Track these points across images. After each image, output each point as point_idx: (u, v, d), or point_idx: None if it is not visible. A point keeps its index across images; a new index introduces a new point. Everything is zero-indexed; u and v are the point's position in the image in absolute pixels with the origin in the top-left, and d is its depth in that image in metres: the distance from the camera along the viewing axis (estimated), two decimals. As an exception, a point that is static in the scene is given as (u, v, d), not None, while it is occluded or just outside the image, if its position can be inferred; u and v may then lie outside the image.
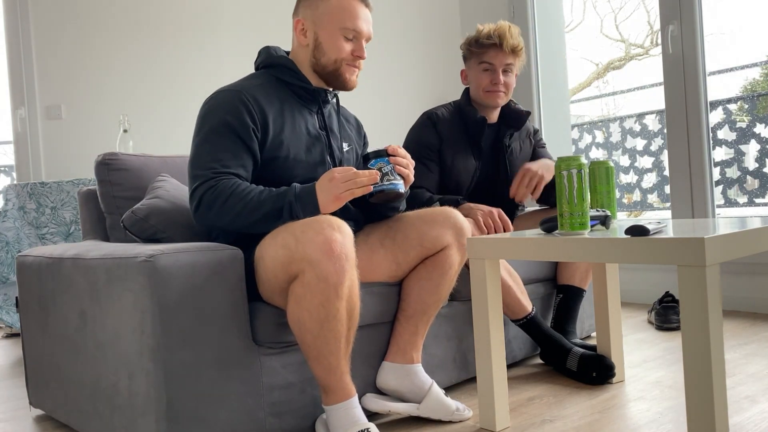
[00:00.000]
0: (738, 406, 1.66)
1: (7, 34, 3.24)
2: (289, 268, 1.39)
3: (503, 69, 2.18)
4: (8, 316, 2.85)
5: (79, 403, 1.63)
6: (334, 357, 1.42)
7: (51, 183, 2.80)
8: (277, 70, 1.69)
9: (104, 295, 1.47)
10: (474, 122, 2.21)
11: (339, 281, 1.36)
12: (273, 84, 1.67)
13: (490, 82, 2.17)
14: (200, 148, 1.55)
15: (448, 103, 2.31)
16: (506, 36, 2.13)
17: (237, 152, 1.54)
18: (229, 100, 1.57)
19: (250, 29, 3.63)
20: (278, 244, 1.41)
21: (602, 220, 1.53)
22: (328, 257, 1.34)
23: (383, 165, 1.55)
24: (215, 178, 1.50)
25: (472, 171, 2.23)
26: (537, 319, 2.03)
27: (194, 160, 1.55)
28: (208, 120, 1.57)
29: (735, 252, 1.24)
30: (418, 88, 4.08)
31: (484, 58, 2.17)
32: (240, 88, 1.60)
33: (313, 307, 1.37)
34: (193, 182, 1.53)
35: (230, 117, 1.55)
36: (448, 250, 1.68)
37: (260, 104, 1.59)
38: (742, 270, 2.91)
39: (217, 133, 1.55)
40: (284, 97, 1.66)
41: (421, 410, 1.64)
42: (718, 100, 3.45)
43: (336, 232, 1.36)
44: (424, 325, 1.71)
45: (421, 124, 2.24)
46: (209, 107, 1.59)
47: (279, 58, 1.70)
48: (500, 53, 2.15)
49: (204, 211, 1.50)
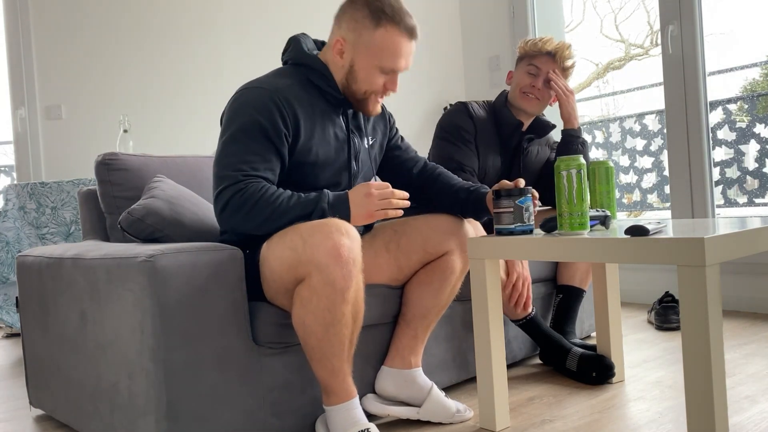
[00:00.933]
0: (738, 406, 1.66)
1: (7, 34, 3.24)
2: (296, 271, 1.38)
3: (547, 78, 2.17)
4: (8, 316, 2.85)
5: (79, 403, 1.63)
6: (338, 359, 1.41)
7: (51, 183, 2.80)
8: (308, 71, 1.60)
9: (104, 295, 1.47)
10: (508, 124, 2.21)
11: (346, 286, 1.35)
12: (303, 84, 1.58)
13: (529, 83, 2.18)
14: (228, 147, 1.48)
15: (481, 102, 2.31)
16: (563, 50, 2.16)
17: (266, 155, 1.48)
18: (262, 100, 1.49)
19: (250, 29, 3.62)
20: (285, 245, 1.39)
21: (602, 220, 1.53)
22: (336, 262, 1.33)
23: (529, 205, 1.51)
24: (243, 181, 1.45)
25: (497, 169, 2.24)
26: (537, 320, 2.03)
27: (221, 160, 1.48)
28: (238, 118, 1.49)
29: (735, 252, 1.25)
30: (418, 87, 4.08)
31: (534, 61, 2.18)
32: (272, 88, 1.52)
33: (318, 311, 1.36)
34: (220, 183, 1.47)
35: (262, 118, 1.48)
36: (450, 255, 1.67)
37: (293, 108, 1.52)
38: (742, 270, 2.91)
39: (247, 133, 1.48)
40: (314, 100, 1.58)
41: (421, 414, 1.64)
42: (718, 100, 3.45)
43: (344, 237, 1.35)
44: (424, 330, 1.70)
45: (458, 110, 2.22)
46: (240, 104, 1.51)
47: (312, 59, 1.60)
48: (550, 62, 2.16)
49: (230, 215, 1.45)
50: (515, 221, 1.50)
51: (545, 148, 2.35)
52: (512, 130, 2.21)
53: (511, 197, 1.49)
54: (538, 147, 2.32)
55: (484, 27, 4.03)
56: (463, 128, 2.17)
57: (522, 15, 3.77)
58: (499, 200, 1.51)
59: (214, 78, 3.53)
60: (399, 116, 3.99)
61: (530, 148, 2.29)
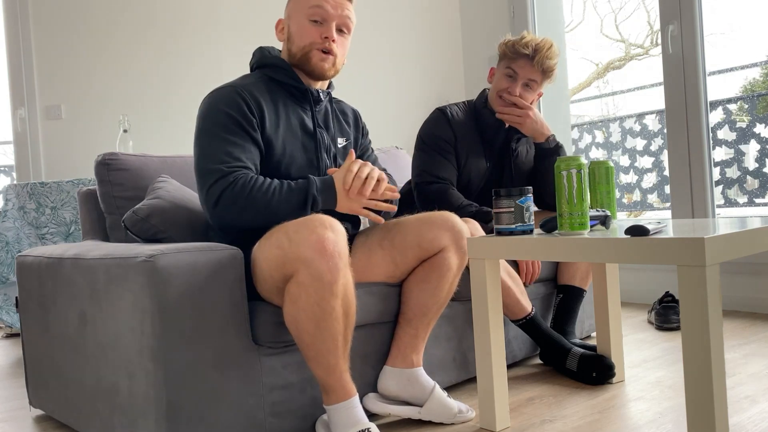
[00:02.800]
0: (738, 406, 1.66)
1: (7, 34, 3.25)
2: (284, 269, 1.39)
3: (525, 82, 2.14)
4: (8, 316, 2.85)
5: (79, 403, 1.63)
6: (332, 356, 1.42)
7: (51, 183, 2.80)
8: (270, 70, 1.69)
9: (104, 295, 1.47)
10: (490, 125, 2.20)
11: (333, 279, 1.36)
12: (267, 83, 1.67)
13: (506, 88, 2.16)
14: (207, 143, 1.54)
15: (461, 103, 2.29)
16: (542, 52, 2.09)
17: (245, 144, 1.55)
18: (228, 95, 1.58)
19: (250, 30, 3.62)
20: (272, 245, 1.41)
21: (602, 220, 1.53)
22: (321, 256, 1.35)
23: (529, 205, 1.51)
24: (232, 173, 1.49)
25: (483, 171, 2.22)
26: (537, 320, 2.03)
27: (203, 156, 1.53)
28: (211, 116, 1.56)
29: (735, 252, 1.25)
30: (418, 87, 4.08)
31: (511, 64, 2.14)
32: (236, 84, 1.61)
33: (308, 306, 1.37)
34: (208, 178, 1.51)
35: (232, 111, 1.55)
36: (445, 252, 1.67)
37: (257, 99, 1.60)
38: (742, 270, 2.91)
39: (222, 126, 1.54)
40: (278, 96, 1.66)
41: (422, 414, 1.64)
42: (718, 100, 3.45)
43: (328, 231, 1.37)
44: (424, 329, 1.70)
45: (436, 118, 2.22)
46: (208, 105, 1.59)
47: (272, 57, 1.70)
48: (528, 66, 2.11)
49: (224, 210, 1.49)
50: (515, 221, 1.50)
51: (533, 146, 2.33)
52: (495, 131, 2.21)
53: (512, 197, 1.50)
54: (527, 146, 2.31)
55: (484, 27, 4.03)
56: (441, 137, 2.17)
57: (522, 15, 3.77)
58: (499, 200, 1.51)
59: (214, 78, 3.53)
60: (399, 116, 3.99)
61: (519, 148, 2.28)
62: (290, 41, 1.67)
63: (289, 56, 1.69)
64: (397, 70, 4.01)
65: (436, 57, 4.14)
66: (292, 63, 1.68)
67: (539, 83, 2.16)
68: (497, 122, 2.19)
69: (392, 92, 4.00)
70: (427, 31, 4.11)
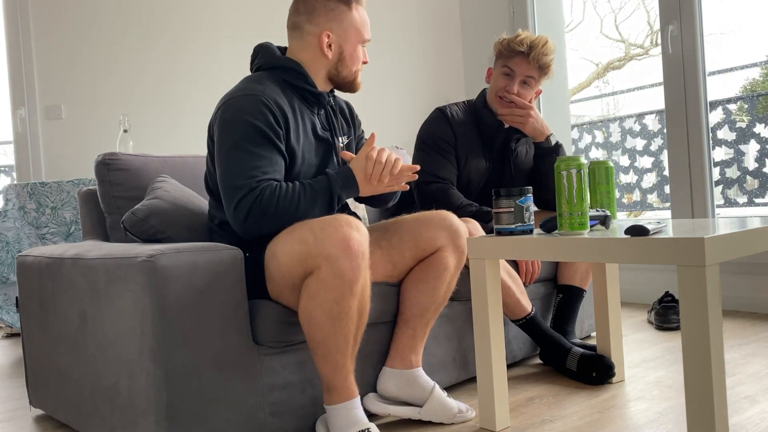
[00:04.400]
0: (738, 406, 1.66)
1: (7, 34, 3.25)
2: (305, 264, 1.40)
3: (522, 80, 2.15)
4: (8, 316, 2.85)
5: (79, 403, 1.63)
6: (342, 355, 1.42)
7: (51, 183, 2.80)
8: (283, 72, 1.64)
9: (104, 295, 1.47)
10: (489, 125, 2.20)
11: (354, 278, 1.37)
12: (281, 86, 1.63)
13: (504, 87, 2.16)
14: (235, 156, 1.50)
15: (460, 102, 2.30)
16: (537, 49, 2.10)
17: (273, 157, 1.53)
18: (254, 106, 1.53)
19: (250, 29, 3.62)
20: (295, 240, 1.42)
21: (602, 220, 1.53)
22: (346, 254, 1.36)
23: (529, 204, 1.50)
24: (258, 187, 1.48)
25: (483, 171, 2.23)
26: (537, 320, 2.03)
27: (231, 170, 1.50)
28: (237, 127, 1.52)
29: (735, 252, 1.25)
30: (417, 87, 4.08)
31: (508, 62, 2.15)
32: (258, 92, 1.55)
33: (326, 303, 1.38)
34: (236, 194, 1.48)
35: (260, 122, 1.51)
36: (443, 251, 1.67)
37: (282, 109, 1.56)
38: (742, 270, 2.91)
39: (249, 140, 1.50)
40: (294, 101, 1.63)
41: (422, 414, 1.64)
42: (718, 100, 3.45)
43: (354, 231, 1.38)
44: (422, 329, 1.70)
45: (435, 118, 2.22)
46: (232, 113, 1.53)
47: (284, 59, 1.66)
48: (524, 63, 2.12)
49: (253, 224, 1.48)
50: (515, 221, 1.50)
51: (533, 146, 2.33)
52: (494, 131, 2.21)
53: (511, 197, 1.50)
54: (526, 146, 2.31)
55: (484, 27, 4.03)
56: (441, 137, 2.18)
57: (522, 15, 3.77)
58: (498, 200, 1.51)
59: (214, 78, 3.53)
60: (398, 116, 3.99)
61: (518, 148, 2.28)
62: (342, 63, 1.67)
63: (334, 75, 1.68)
64: (397, 70, 4.01)
65: (436, 57, 4.14)
66: (333, 79, 1.69)
67: (537, 80, 2.17)
68: (497, 122, 2.20)
69: (392, 92, 4.00)
70: (427, 31, 4.11)
